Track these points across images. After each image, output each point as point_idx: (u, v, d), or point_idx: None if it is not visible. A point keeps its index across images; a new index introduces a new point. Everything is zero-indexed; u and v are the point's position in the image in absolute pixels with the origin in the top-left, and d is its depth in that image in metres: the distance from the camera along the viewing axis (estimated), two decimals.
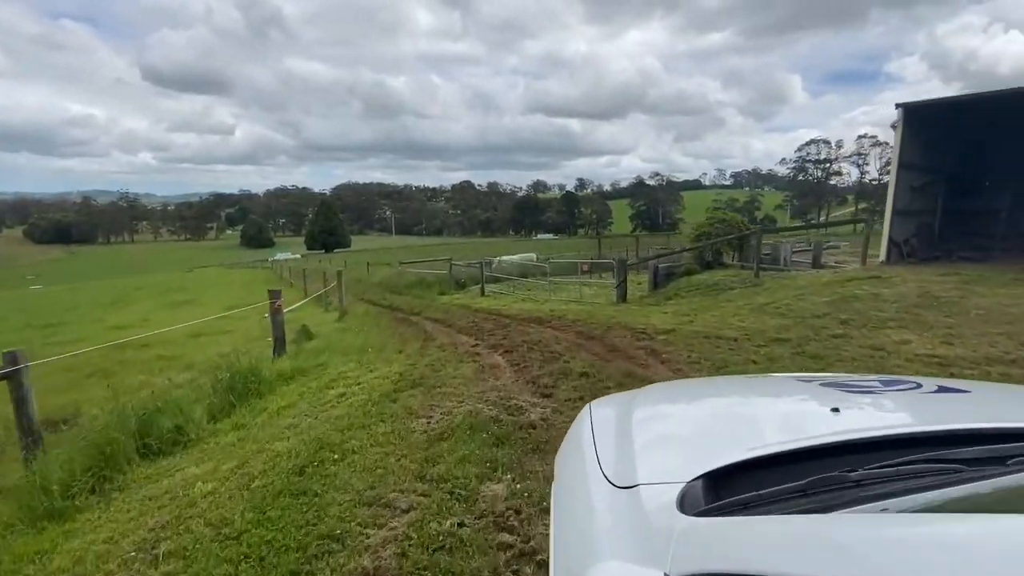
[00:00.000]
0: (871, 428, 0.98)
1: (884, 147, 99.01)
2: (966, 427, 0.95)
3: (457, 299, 15.07)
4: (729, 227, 13.58)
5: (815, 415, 1.19)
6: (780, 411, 1.35)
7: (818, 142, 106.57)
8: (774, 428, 1.16)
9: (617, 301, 11.67)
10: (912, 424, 1.04)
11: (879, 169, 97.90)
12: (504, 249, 56.24)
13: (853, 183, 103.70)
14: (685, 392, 1.74)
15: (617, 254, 22.98)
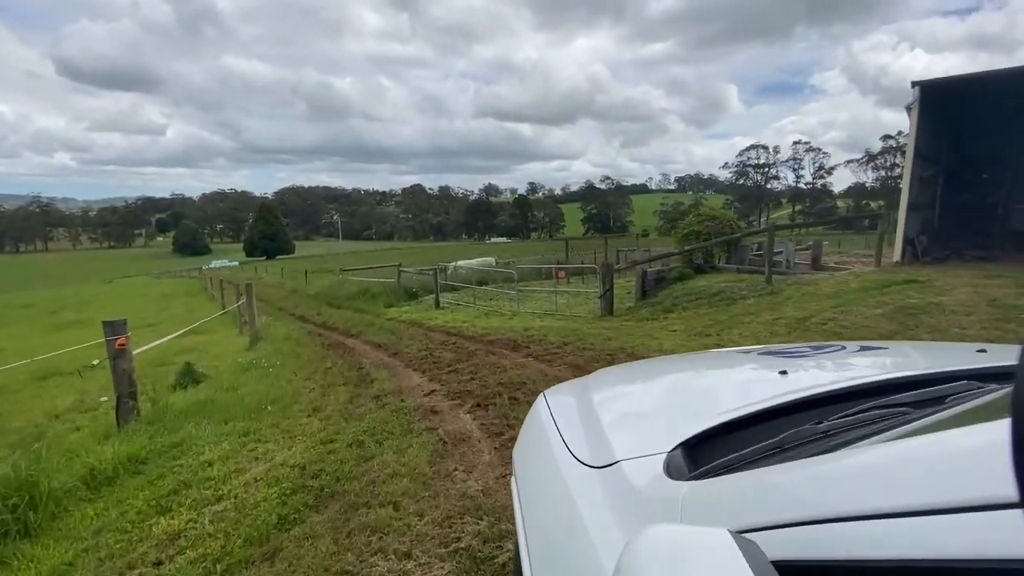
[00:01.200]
0: (820, 385, 1.01)
1: (816, 152, 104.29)
2: (900, 375, 1.02)
3: (407, 312, 12.64)
4: (720, 225, 11.90)
5: (767, 380, 1.20)
6: (734, 380, 1.36)
7: (757, 147, 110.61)
8: (733, 395, 1.16)
9: (603, 314, 9.66)
10: (853, 378, 1.05)
11: (812, 173, 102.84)
12: (458, 253, 53.63)
13: (786, 187, 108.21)
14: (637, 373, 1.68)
15: (597, 259, 21.10)
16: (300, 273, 28.44)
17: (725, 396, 1.17)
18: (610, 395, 1.36)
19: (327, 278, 24.99)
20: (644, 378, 1.57)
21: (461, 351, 7.10)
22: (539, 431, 1.24)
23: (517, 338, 7.78)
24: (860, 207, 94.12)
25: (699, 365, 1.62)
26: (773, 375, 1.18)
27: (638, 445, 0.94)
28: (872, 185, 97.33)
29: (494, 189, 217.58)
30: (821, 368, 1.31)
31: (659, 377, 1.55)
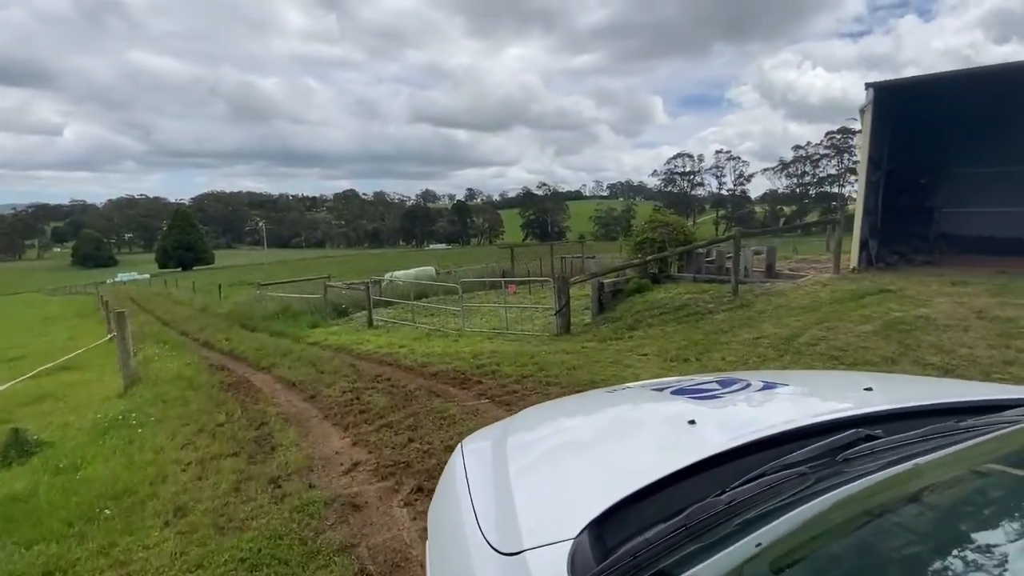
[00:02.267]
0: (726, 439, 1.01)
1: (736, 161, 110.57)
2: (798, 426, 1.03)
3: (334, 334, 11.00)
4: (674, 232, 11.25)
5: (676, 431, 1.19)
6: (646, 430, 1.36)
7: (683, 156, 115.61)
8: (644, 450, 1.17)
9: (559, 332, 8.60)
10: (755, 428, 1.05)
11: (733, 180, 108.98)
12: (395, 261, 51.31)
13: (709, 194, 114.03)
14: (555, 416, 1.64)
15: (543, 267, 20.14)
16: (215, 287, 25.51)
17: (636, 452, 1.17)
18: (527, 445, 1.33)
19: (245, 293, 22.46)
20: (561, 425, 1.54)
21: (397, 391, 5.74)
22: (451, 492, 1.20)
23: (466, 369, 6.53)
24: (775, 212, 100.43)
25: (613, 407, 1.62)
26: (683, 426, 1.16)
27: (545, 523, 0.91)
28: (784, 191, 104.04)
29: (431, 195, 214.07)
30: (728, 413, 1.34)
31: (575, 424, 1.53)
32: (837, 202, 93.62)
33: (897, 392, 1.46)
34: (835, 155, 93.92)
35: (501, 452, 1.25)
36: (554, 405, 1.86)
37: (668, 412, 1.40)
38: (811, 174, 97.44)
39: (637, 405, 1.59)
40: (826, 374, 2.28)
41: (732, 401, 1.39)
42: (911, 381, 2.02)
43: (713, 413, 1.31)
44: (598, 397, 1.85)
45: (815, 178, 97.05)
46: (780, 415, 1.18)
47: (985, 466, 0.81)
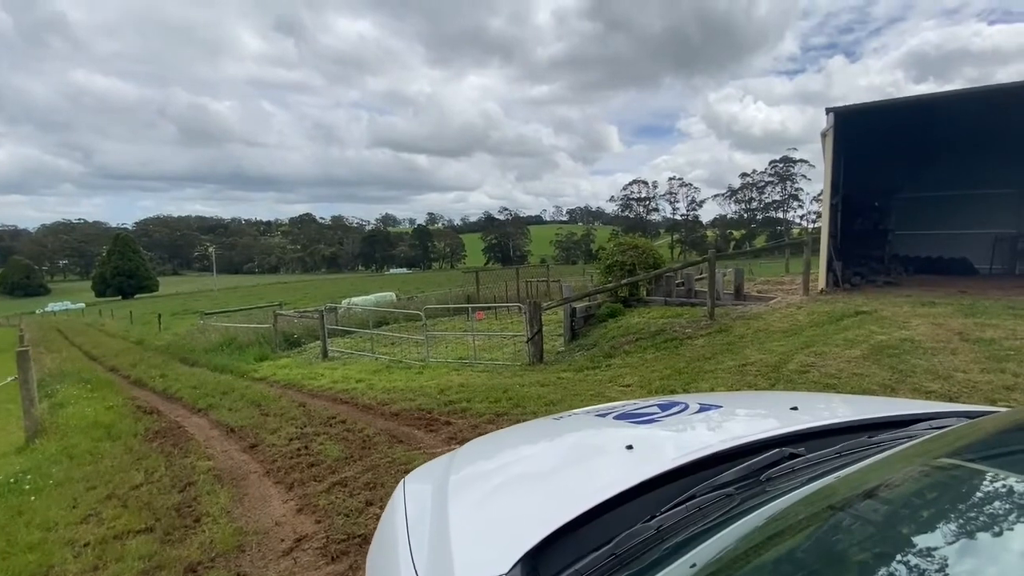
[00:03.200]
0: (662, 462, 1.02)
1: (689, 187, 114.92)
2: (726, 448, 1.05)
3: (284, 368, 10.05)
4: (643, 255, 11.02)
5: (615, 457, 1.20)
6: (584, 457, 1.37)
7: (638, 182, 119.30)
8: (580, 478, 1.18)
9: (532, 361, 8.06)
10: (689, 450, 1.07)
11: (686, 206, 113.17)
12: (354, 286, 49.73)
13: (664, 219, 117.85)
14: (500, 448, 1.62)
15: (508, 291, 19.62)
16: (156, 316, 23.64)
17: (576, 480, 1.17)
18: (470, 479, 1.31)
19: (189, 323, 20.88)
20: (506, 455, 1.53)
21: (353, 437, 5.03)
22: (390, 533, 1.18)
23: (432, 407, 5.87)
24: (725, 236, 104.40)
25: (555, 436, 1.60)
26: (621, 451, 1.17)
27: (481, 560, 0.89)
28: (732, 216, 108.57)
29: (392, 219, 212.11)
30: (664, 437, 1.36)
31: (517, 455, 1.52)
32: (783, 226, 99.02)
33: (820, 411, 1.53)
34: (779, 182, 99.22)
35: (442, 488, 1.22)
36: (500, 436, 1.80)
37: (609, 438, 1.41)
38: (757, 200, 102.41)
39: (580, 432, 1.58)
40: (759, 395, 2.35)
41: (669, 424, 1.41)
42: (833, 400, 2.14)
43: (651, 437, 1.33)
44: (543, 425, 1.79)
45: (761, 204, 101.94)
46: (713, 437, 1.21)
47: (892, 476, 0.83)
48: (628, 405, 1.68)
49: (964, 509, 0.65)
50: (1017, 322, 6.49)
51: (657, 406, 1.57)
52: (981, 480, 0.72)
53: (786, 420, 1.27)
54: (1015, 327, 6.22)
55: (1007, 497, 0.65)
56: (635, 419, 1.45)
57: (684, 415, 1.47)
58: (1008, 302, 7.79)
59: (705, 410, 1.50)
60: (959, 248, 14.06)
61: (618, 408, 1.65)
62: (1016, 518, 0.60)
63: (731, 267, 11.98)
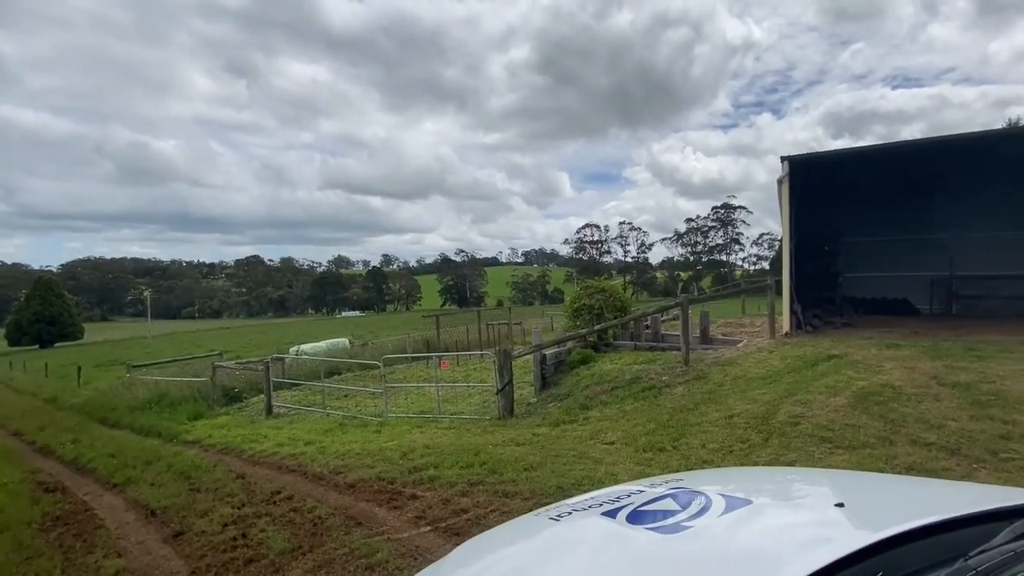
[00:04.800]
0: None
1: (638, 231, 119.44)
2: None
3: (222, 428, 8.96)
4: (611, 297, 10.84)
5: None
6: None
7: (591, 226, 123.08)
8: None
9: (503, 415, 7.48)
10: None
11: (637, 249, 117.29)
12: (304, 332, 47.39)
13: (615, 261, 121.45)
14: (493, 556, 1.37)
15: (469, 333, 18.94)
16: (76, 369, 21.30)
17: None
18: None
19: (114, 375, 18.89)
20: (502, 568, 1.30)
21: (301, 520, 4.27)
22: None
23: (395, 476, 5.17)
24: (673, 277, 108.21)
25: (566, 545, 1.33)
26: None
27: None
28: (678, 259, 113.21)
29: (345, 261, 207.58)
30: (707, 561, 1.07)
31: (521, 567, 1.27)
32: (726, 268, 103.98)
33: (871, 505, 1.29)
34: (721, 227, 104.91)
35: None
36: (491, 539, 1.59)
37: (637, 557, 1.13)
38: (702, 243, 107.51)
39: (592, 541, 1.30)
40: (784, 476, 2.01)
41: (704, 537, 1.15)
42: (875, 482, 1.79)
43: (690, 563, 1.05)
44: (542, 525, 1.50)
45: (705, 247, 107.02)
46: (765, 558, 1.02)
47: None
48: (635, 494, 1.45)
49: None
50: (983, 364, 6.57)
51: (671, 498, 1.36)
52: None
53: (841, 524, 1.10)
54: (983, 370, 6.27)
55: None
56: (654, 523, 1.22)
57: (713, 516, 1.22)
58: (964, 343, 7.98)
59: (734, 507, 1.27)
60: (900, 290, 14.79)
61: (625, 500, 1.41)
62: None
63: (696, 310, 11.95)
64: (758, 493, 1.50)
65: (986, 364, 6.53)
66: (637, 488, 1.53)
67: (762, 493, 1.53)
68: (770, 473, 2.45)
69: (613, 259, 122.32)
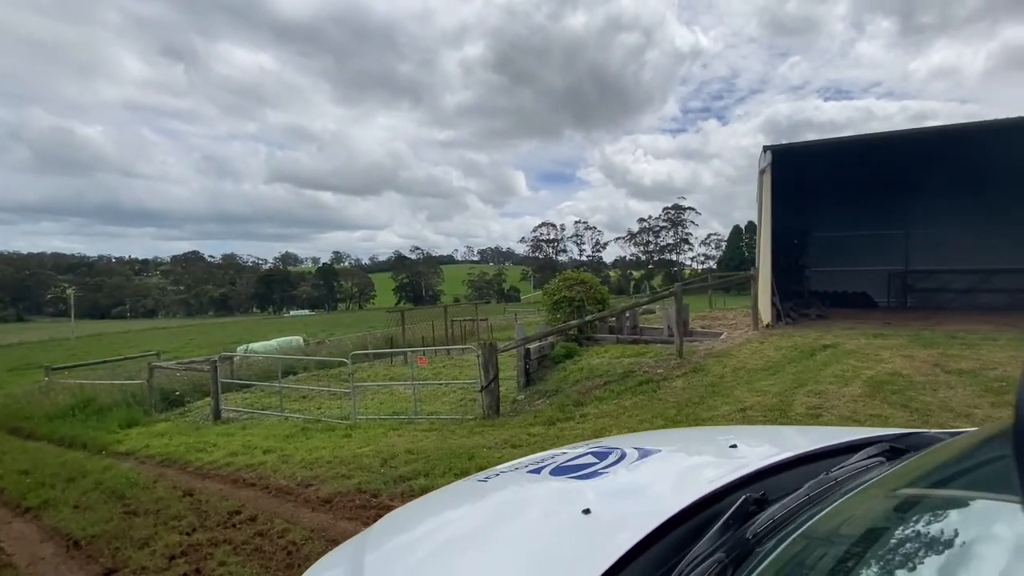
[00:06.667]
0: (626, 529, 0.94)
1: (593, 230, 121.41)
2: (688, 503, 0.99)
3: (161, 436, 7.84)
4: (590, 289, 10.41)
5: (574, 525, 1.05)
6: (535, 526, 1.16)
7: (547, 225, 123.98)
8: (535, 556, 1.01)
9: (488, 414, 6.85)
10: (651, 510, 0.98)
11: (592, 248, 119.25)
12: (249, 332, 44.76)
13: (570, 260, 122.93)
14: (423, 518, 1.39)
15: (435, 330, 18.08)
16: None
17: (530, 559, 1.00)
18: (391, 561, 1.12)
19: (31, 379, 16.84)
20: (433, 527, 1.30)
21: (271, 547, 3.50)
22: None
23: (378, 487, 4.45)
24: (626, 276, 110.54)
25: (494, 499, 1.39)
26: (578, 518, 1.03)
27: None
28: (631, 258, 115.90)
29: (293, 258, 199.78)
30: (618, 495, 1.24)
31: (451, 525, 1.31)
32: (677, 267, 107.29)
33: (759, 446, 1.48)
34: (671, 227, 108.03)
35: (356, 573, 1.07)
36: (420, 505, 1.56)
37: (555, 499, 1.27)
38: (654, 243, 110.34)
39: (519, 494, 1.39)
40: (689, 432, 2.31)
41: (616, 478, 1.28)
42: (765, 432, 2.05)
43: (603, 496, 1.19)
44: (471, 489, 1.54)
45: (657, 246, 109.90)
46: (668, 489, 1.17)
47: (873, 509, 0.84)
48: (559, 456, 1.54)
49: (944, 534, 0.66)
50: (975, 352, 6.54)
51: (591, 454, 1.47)
52: (966, 504, 0.72)
53: (732, 460, 1.25)
54: (978, 357, 6.22)
55: (988, 515, 0.68)
56: (574, 473, 1.32)
57: (627, 464, 1.35)
58: (945, 332, 8.06)
59: (646, 455, 1.41)
60: (859, 283, 15.23)
61: (549, 460, 1.50)
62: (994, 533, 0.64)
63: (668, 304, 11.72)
64: (669, 444, 1.62)
65: (978, 352, 6.51)
66: (561, 451, 1.60)
67: (672, 444, 1.65)
68: (681, 431, 2.62)
69: (569, 258, 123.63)
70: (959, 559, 0.62)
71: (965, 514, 0.71)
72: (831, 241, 15.33)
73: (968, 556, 0.62)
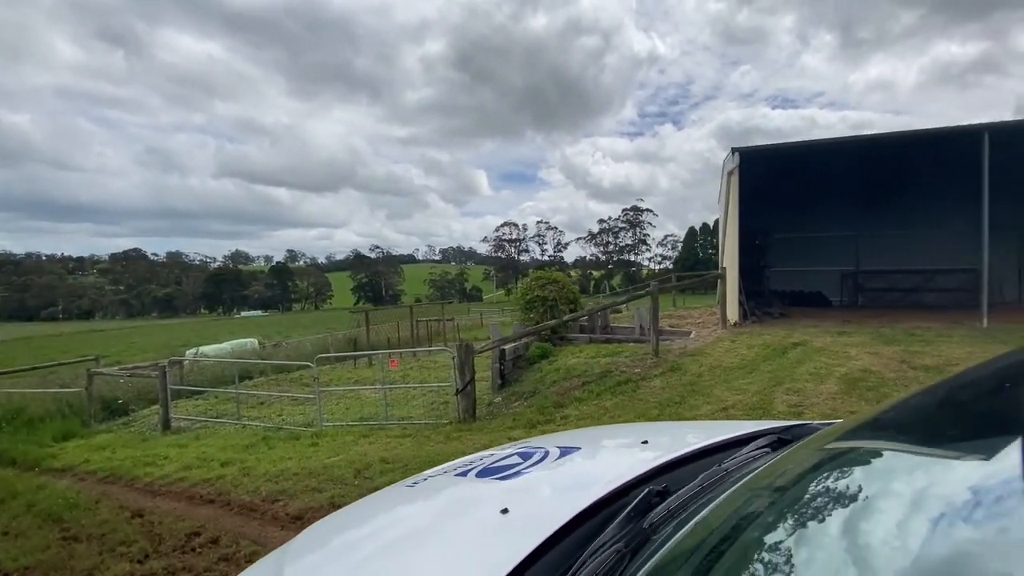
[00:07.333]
0: (538, 525, 0.98)
1: (555, 231, 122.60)
2: (598, 497, 1.05)
3: (103, 449, 7.17)
4: (563, 288, 10.32)
5: (493, 525, 1.09)
6: (456, 530, 1.18)
7: (510, 225, 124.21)
8: (452, 558, 1.03)
9: (463, 417, 6.61)
10: (565, 507, 1.03)
11: (554, 248, 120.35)
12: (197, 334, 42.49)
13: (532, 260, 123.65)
14: (345, 529, 1.36)
15: (401, 331, 17.55)
16: None
17: (447, 561, 1.02)
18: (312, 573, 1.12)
19: None
20: (354, 538, 1.28)
21: (236, 572, 3.15)
22: None
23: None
24: (587, 276, 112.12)
25: (419, 505, 1.40)
26: (496, 518, 1.07)
27: None
28: (591, 259, 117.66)
29: (244, 256, 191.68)
30: (537, 493, 1.29)
31: (371, 536, 1.27)
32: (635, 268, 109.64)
33: (668, 441, 1.54)
34: (630, 228, 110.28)
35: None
36: (346, 515, 1.53)
37: (477, 502, 1.29)
38: (613, 243, 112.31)
39: (443, 498, 1.41)
40: (610, 430, 2.44)
41: (537, 477, 1.34)
42: (676, 427, 2.17)
43: (522, 496, 1.25)
44: (398, 495, 1.54)
45: (616, 247, 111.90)
46: (583, 486, 1.19)
47: (756, 498, 0.87)
48: (487, 457, 1.57)
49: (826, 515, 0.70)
50: (934, 348, 6.82)
51: (517, 455, 1.50)
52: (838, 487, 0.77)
53: (643, 456, 1.34)
54: (938, 353, 6.48)
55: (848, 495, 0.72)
56: (499, 474, 1.37)
57: (548, 463, 1.41)
58: (903, 329, 8.40)
59: (567, 454, 1.47)
60: (814, 283, 15.86)
61: (477, 463, 1.52)
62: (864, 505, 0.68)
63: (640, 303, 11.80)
64: (589, 442, 1.67)
65: (937, 348, 6.78)
66: (490, 452, 1.64)
67: (591, 442, 1.70)
68: (602, 428, 2.78)
69: (531, 258, 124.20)
70: (819, 534, 0.67)
71: (829, 496, 0.77)
72: (788, 242, 15.88)
73: (827, 530, 0.67)
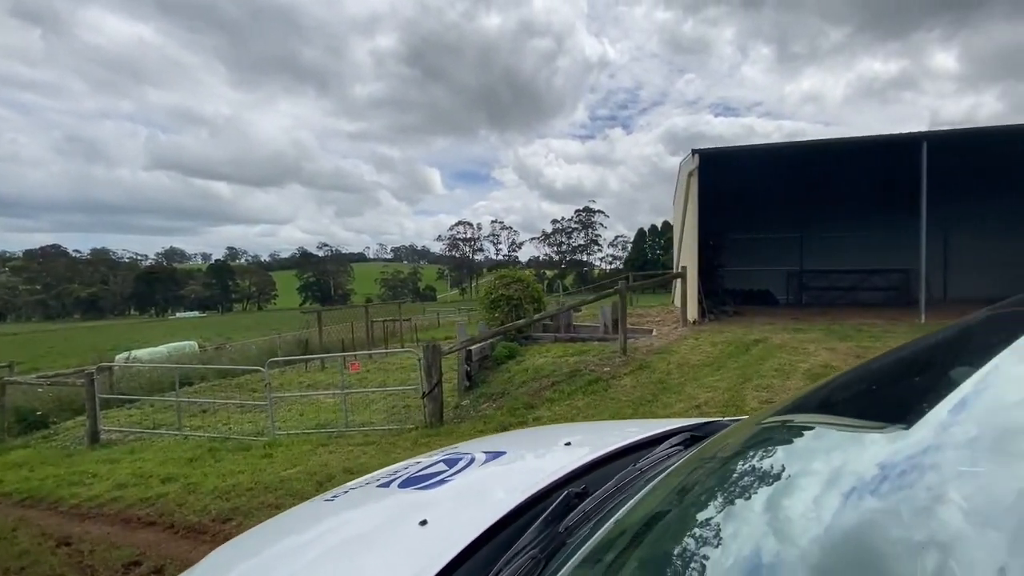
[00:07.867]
0: (458, 533, 0.97)
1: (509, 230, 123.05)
2: (520, 502, 1.04)
3: (20, 467, 6.34)
4: (527, 287, 10.19)
5: (410, 536, 1.06)
6: (373, 544, 1.13)
7: (464, 224, 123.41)
8: (372, 571, 1.00)
9: (431, 422, 6.31)
10: (484, 514, 1.02)
11: (508, 247, 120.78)
12: (127, 336, 39.49)
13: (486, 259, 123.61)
14: (256, 550, 1.27)
15: (355, 331, 16.81)
16: None
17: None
18: None
19: None
20: (267, 559, 1.19)
21: None
22: None
23: None
24: (540, 276, 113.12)
25: (338, 519, 1.33)
26: (414, 530, 1.05)
27: None
28: (544, 258, 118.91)
29: (179, 254, 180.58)
30: (458, 501, 1.25)
31: (283, 557, 1.18)
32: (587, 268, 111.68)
33: (589, 442, 1.53)
34: (582, 229, 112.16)
35: None
36: (257, 533, 1.44)
37: (397, 513, 1.26)
38: (566, 244, 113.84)
39: (362, 512, 1.35)
40: (534, 433, 2.45)
41: (459, 485, 1.32)
42: (596, 428, 2.15)
43: (443, 505, 1.22)
44: (314, 510, 1.47)
45: (569, 247, 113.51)
46: (505, 492, 1.18)
47: (671, 495, 0.88)
48: (413, 465, 1.54)
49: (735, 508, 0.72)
50: (885, 343, 7.14)
51: (443, 461, 1.48)
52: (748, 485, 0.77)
53: (566, 458, 1.30)
54: (889, 346, 6.77)
55: (752, 478, 0.76)
56: (422, 484, 1.34)
57: (473, 469, 1.39)
58: (851, 326, 8.81)
59: (492, 459, 1.46)
60: (762, 282, 16.54)
61: (402, 472, 1.49)
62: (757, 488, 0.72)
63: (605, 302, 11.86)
64: (513, 446, 1.66)
65: (886, 343, 7.11)
66: (416, 460, 1.61)
67: (516, 445, 1.68)
68: (527, 431, 2.75)
69: (485, 257, 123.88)
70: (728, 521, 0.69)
71: (737, 487, 0.77)
72: (740, 243, 16.48)
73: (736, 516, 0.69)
